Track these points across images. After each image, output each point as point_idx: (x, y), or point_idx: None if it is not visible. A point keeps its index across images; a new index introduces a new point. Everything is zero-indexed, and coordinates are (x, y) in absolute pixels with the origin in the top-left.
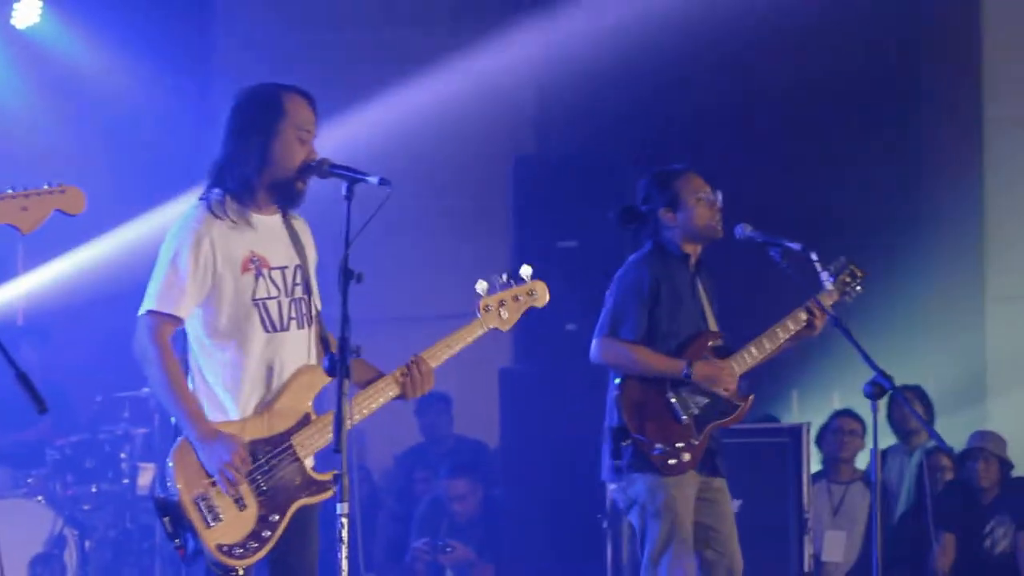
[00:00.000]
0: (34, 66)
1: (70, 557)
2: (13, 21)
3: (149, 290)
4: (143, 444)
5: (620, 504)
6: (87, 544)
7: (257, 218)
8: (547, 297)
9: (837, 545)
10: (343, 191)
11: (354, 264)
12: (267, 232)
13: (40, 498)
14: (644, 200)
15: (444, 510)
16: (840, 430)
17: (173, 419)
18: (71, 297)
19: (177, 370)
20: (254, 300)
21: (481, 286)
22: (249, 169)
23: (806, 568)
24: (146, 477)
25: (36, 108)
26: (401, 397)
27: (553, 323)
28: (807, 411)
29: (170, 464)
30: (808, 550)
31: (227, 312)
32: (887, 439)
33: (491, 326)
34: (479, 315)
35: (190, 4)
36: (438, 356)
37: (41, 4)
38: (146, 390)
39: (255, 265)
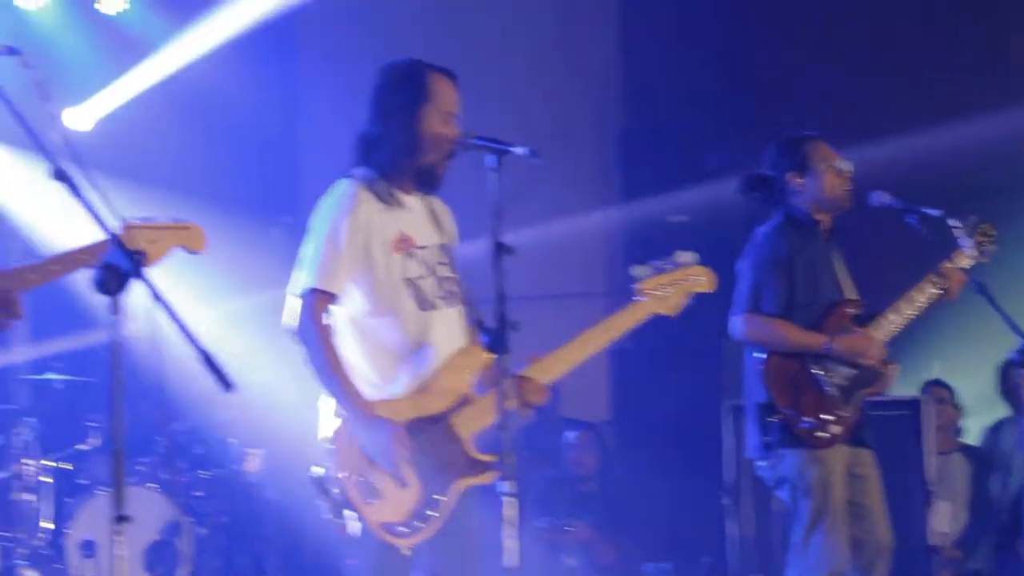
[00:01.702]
0: (124, 53)
1: (184, 544)
2: (100, 7)
3: (303, 268)
4: (251, 430)
5: (769, 481)
6: (201, 531)
7: (403, 197)
8: (713, 283)
9: (944, 515)
10: (489, 163)
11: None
12: (413, 212)
13: (153, 485)
14: (772, 165)
15: (563, 488)
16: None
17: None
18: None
19: (336, 351)
20: (405, 279)
21: (638, 270)
22: (395, 151)
23: (930, 540)
24: (255, 462)
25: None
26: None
27: None
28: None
29: (330, 445)
30: (932, 523)
31: (379, 291)
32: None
33: (654, 311)
34: (642, 299)
35: None
36: (599, 339)
37: None
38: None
39: (405, 245)
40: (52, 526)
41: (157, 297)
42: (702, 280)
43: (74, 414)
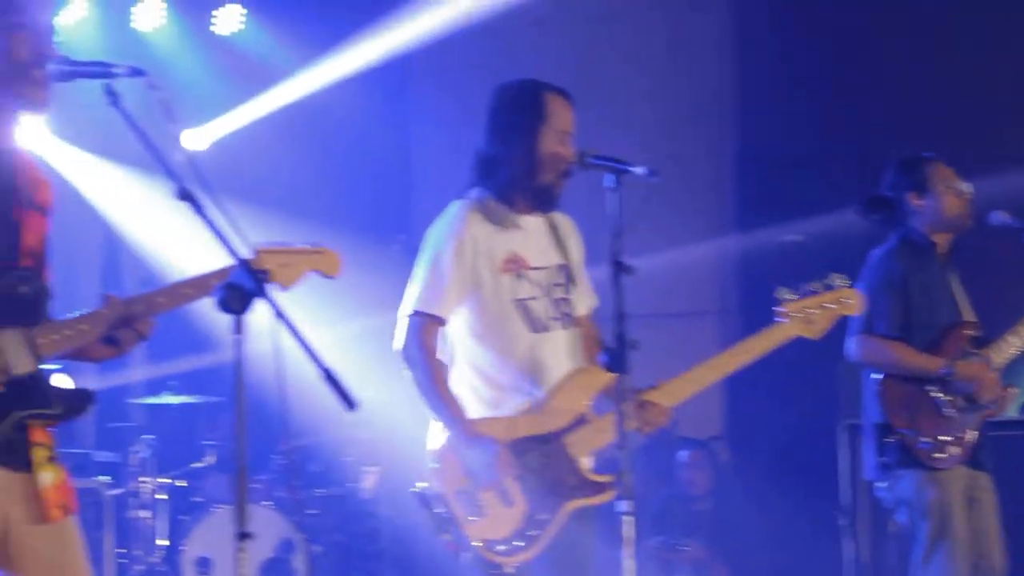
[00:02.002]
0: (238, 73)
1: (299, 562)
2: (214, 28)
3: (411, 290)
4: (366, 448)
5: (886, 503)
6: (315, 548)
7: (518, 218)
8: (862, 306)
9: None
10: (608, 182)
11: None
12: (529, 232)
13: (268, 503)
14: (891, 186)
15: (677, 507)
16: None
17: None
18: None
19: (441, 372)
20: (515, 300)
21: (784, 292)
22: (512, 172)
23: None
24: (370, 480)
25: (236, 109)
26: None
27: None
28: None
29: (434, 464)
30: None
31: (489, 312)
32: None
33: (797, 333)
34: (785, 320)
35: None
36: (735, 361)
37: (244, 11)
38: (369, 394)
39: (515, 266)
40: (168, 543)
41: (280, 316)
42: (851, 303)
43: (190, 433)
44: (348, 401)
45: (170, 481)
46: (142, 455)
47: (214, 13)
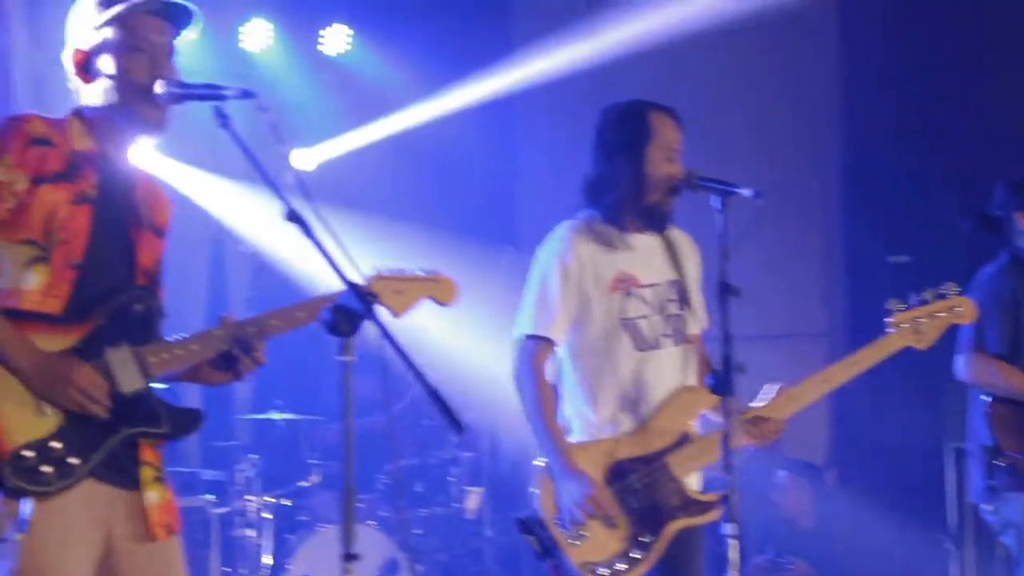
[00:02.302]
0: (345, 92)
1: None
2: (321, 48)
3: (521, 313)
4: (471, 468)
5: (993, 526)
6: (419, 568)
7: (629, 236)
8: (974, 313)
9: None
10: (715, 204)
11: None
12: (639, 250)
13: (372, 522)
14: (1000, 205)
15: (780, 526)
16: None
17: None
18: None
19: (548, 400)
20: (623, 320)
21: (894, 303)
22: (620, 192)
23: None
24: (473, 500)
25: (348, 133)
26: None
27: None
28: None
29: (534, 489)
30: None
31: (596, 332)
32: None
33: (906, 344)
34: (894, 331)
35: (493, 31)
36: (845, 372)
37: (350, 31)
38: (474, 415)
39: (624, 284)
40: (272, 562)
41: (388, 338)
42: (963, 311)
43: (296, 451)
44: (455, 424)
45: (275, 500)
46: (247, 474)
47: (321, 33)
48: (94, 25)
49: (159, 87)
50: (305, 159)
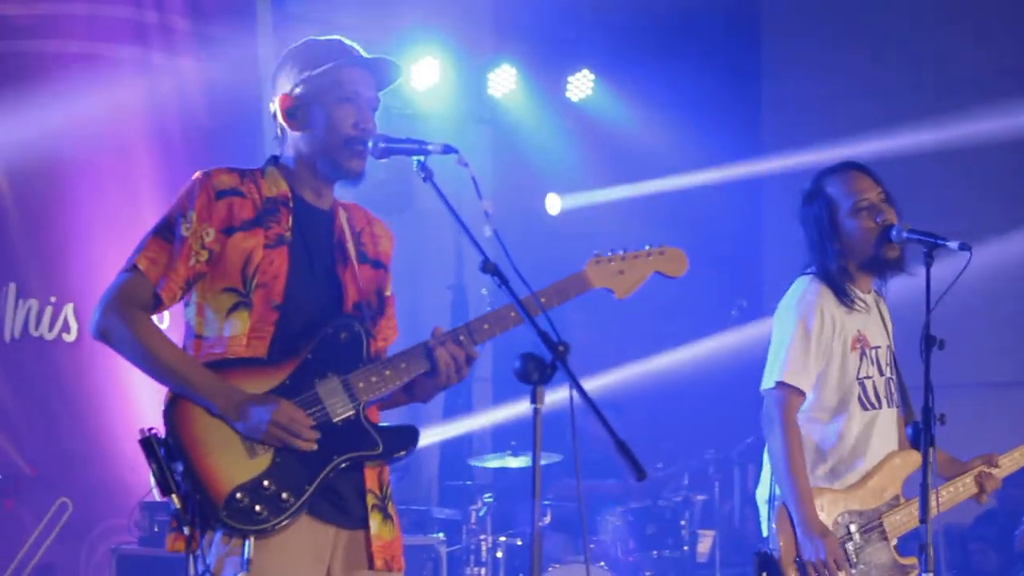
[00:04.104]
0: (589, 138)
1: None
2: (568, 94)
3: (773, 362)
4: (703, 511)
5: None
6: None
7: (862, 295)
8: None
9: None
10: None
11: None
12: (868, 311)
13: (603, 564)
14: None
15: None
16: None
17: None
18: (631, 375)
19: (797, 448)
20: (857, 378)
21: None
22: (829, 260)
23: None
24: (705, 544)
25: (592, 179)
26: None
27: None
28: None
29: (773, 525)
30: None
31: (834, 387)
32: None
33: None
34: None
35: (742, 78)
36: None
37: (593, 77)
38: (706, 457)
39: (861, 344)
40: None
41: (578, 387)
42: None
43: (529, 492)
44: (637, 470)
45: (507, 539)
46: (481, 513)
47: (568, 79)
48: (304, 75)
49: (363, 140)
50: (551, 203)
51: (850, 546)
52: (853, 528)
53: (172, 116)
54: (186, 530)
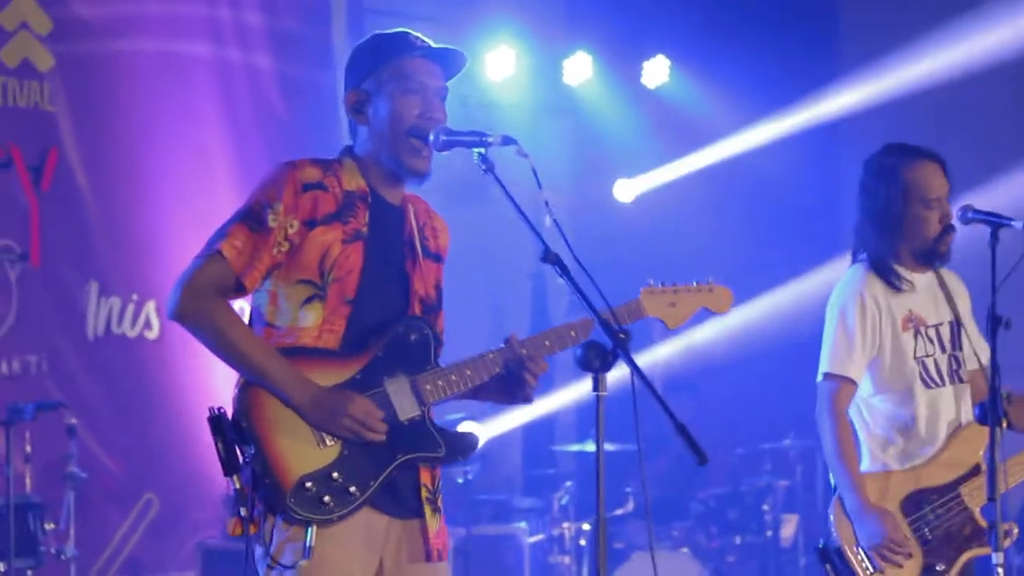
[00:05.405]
0: (665, 124)
1: None
2: (643, 81)
3: (823, 354)
4: (785, 496)
5: None
6: None
7: (912, 276)
8: None
9: None
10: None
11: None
12: (921, 291)
13: (685, 549)
14: None
15: None
16: None
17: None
18: (709, 358)
19: (847, 437)
20: (915, 357)
21: None
22: (883, 245)
23: None
24: (789, 529)
25: (667, 165)
26: None
27: None
28: None
29: (831, 516)
30: None
31: (892, 369)
32: None
33: None
34: None
35: (817, 56)
36: None
37: (669, 63)
38: (787, 442)
39: (913, 324)
40: None
41: (639, 374)
42: None
43: (613, 479)
44: (698, 453)
45: (590, 527)
46: (563, 501)
47: (644, 65)
48: (370, 69)
49: (427, 132)
50: (624, 191)
51: (922, 524)
52: (926, 507)
53: (248, 112)
54: (242, 511)
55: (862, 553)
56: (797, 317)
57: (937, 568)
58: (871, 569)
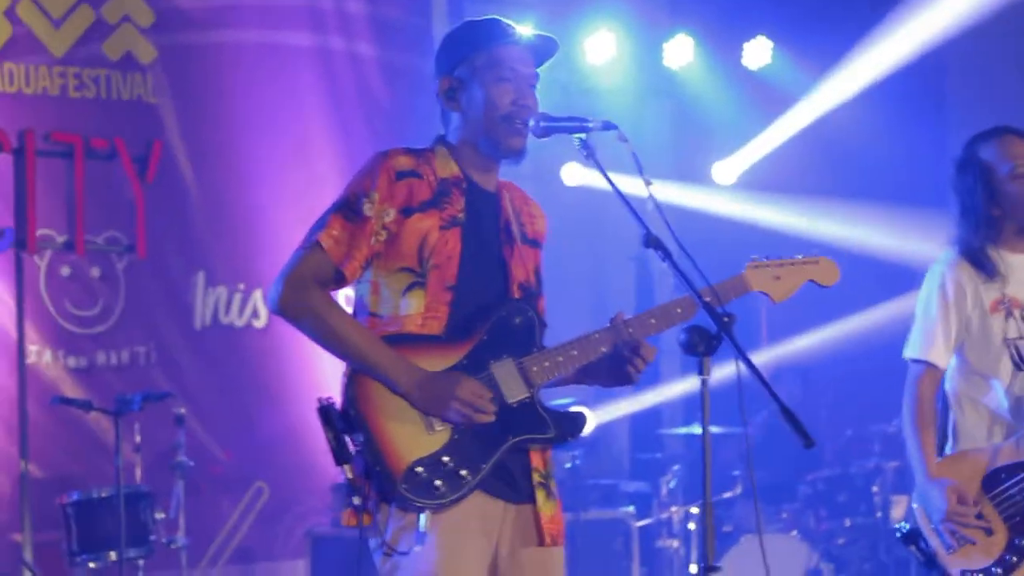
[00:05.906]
0: (765, 106)
1: None
2: (744, 62)
3: (910, 337)
4: (895, 477)
5: None
6: None
7: (1008, 257)
8: None
9: None
10: None
11: None
12: (1016, 271)
13: (794, 532)
14: None
15: None
16: None
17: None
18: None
19: (923, 421)
20: (1004, 340)
21: None
22: (972, 233)
23: None
24: (899, 510)
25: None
26: None
27: None
28: None
29: (914, 504)
30: None
31: (976, 353)
32: None
33: None
34: None
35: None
36: None
37: (772, 45)
38: (896, 423)
39: (1004, 306)
40: (697, 571)
41: (744, 358)
42: None
43: (721, 462)
44: (805, 437)
45: (699, 510)
46: (671, 485)
47: (744, 47)
48: (462, 56)
49: (523, 118)
50: (726, 172)
51: (1005, 500)
52: (1010, 480)
53: (351, 100)
54: (355, 500)
55: (936, 532)
56: (905, 294)
57: (1019, 544)
58: (950, 546)
